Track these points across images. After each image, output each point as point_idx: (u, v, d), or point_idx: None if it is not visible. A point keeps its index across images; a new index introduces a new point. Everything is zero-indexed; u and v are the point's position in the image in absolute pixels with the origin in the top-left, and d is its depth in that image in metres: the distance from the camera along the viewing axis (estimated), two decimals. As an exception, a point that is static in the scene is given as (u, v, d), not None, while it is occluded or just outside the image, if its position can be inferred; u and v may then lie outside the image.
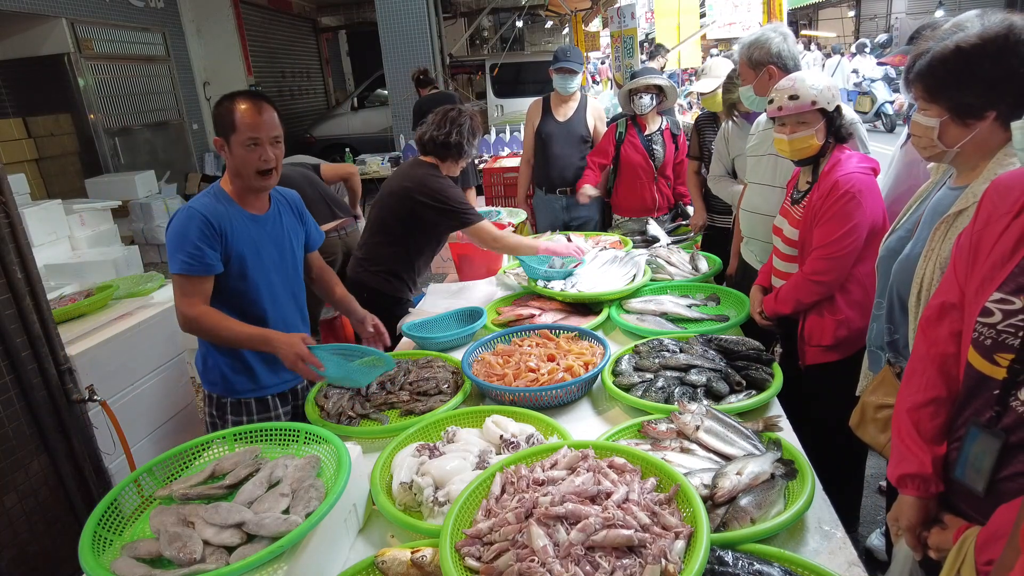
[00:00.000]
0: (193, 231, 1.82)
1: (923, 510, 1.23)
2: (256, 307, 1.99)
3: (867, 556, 2.38)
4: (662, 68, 6.86)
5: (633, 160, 3.60)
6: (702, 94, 3.71)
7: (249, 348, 1.93)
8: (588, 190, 3.63)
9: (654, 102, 3.53)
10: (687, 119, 7.03)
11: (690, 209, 3.84)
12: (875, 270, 1.82)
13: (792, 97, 2.00)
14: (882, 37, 13.78)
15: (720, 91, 3.32)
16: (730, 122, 3.11)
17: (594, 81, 15.45)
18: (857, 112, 11.60)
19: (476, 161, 7.19)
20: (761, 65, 2.54)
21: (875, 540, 2.43)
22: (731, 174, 3.21)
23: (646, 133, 3.60)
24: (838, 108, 2.04)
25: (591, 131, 3.94)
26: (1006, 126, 1.36)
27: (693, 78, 11.47)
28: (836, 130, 2.05)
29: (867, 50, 12.75)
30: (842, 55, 14.33)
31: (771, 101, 2.07)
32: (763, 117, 2.68)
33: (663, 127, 3.62)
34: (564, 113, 3.95)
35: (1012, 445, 1.06)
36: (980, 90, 1.34)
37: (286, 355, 1.83)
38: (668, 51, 7.91)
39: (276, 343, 1.84)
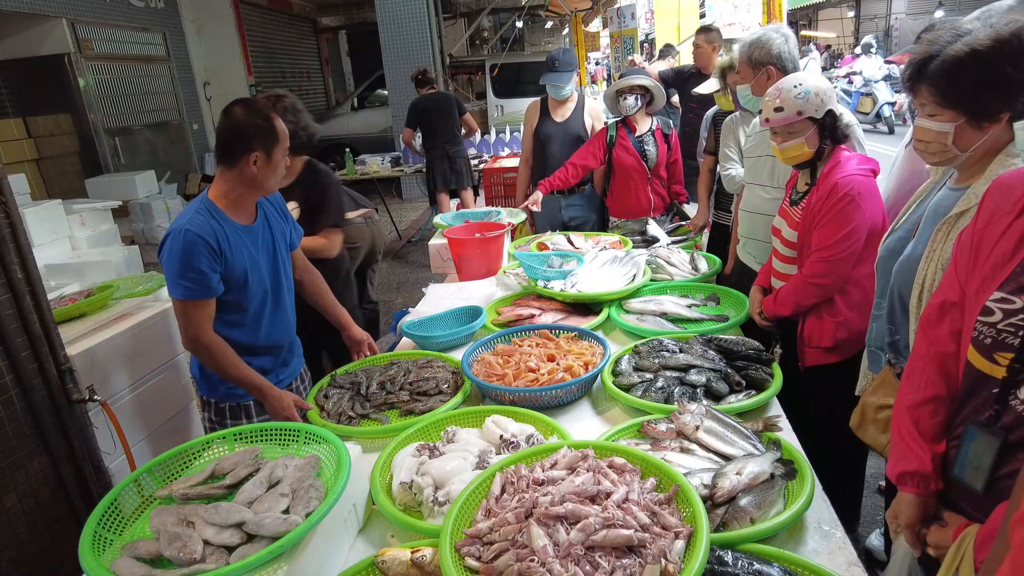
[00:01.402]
0: (195, 256, 1.80)
1: (922, 507, 1.23)
2: (251, 316, 2.01)
3: (867, 556, 2.38)
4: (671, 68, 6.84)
5: (625, 162, 3.59)
6: (702, 94, 3.71)
7: (243, 388, 1.97)
8: (536, 197, 3.49)
9: (639, 103, 3.53)
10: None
11: (687, 208, 3.85)
12: (874, 271, 1.82)
13: (777, 109, 2.01)
14: (868, 38, 13.73)
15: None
16: (736, 113, 3.11)
17: (592, 81, 15.45)
18: (859, 113, 11.59)
19: (477, 162, 7.20)
20: (761, 65, 2.53)
21: (875, 540, 2.43)
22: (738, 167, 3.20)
23: (637, 134, 3.60)
24: (830, 112, 2.01)
25: (589, 131, 3.94)
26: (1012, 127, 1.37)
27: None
28: (831, 133, 2.03)
29: (873, 50, 12.72)
30: (810, 55, 14.36)
31: (760, 111, 2.07)
32: (757, 120, 2.68)
33: (654, 128, 3.62)
34: (562, 114, 3.95)
35: (1011, 444, 1.06)
36: (998, 92, 1.33)
37: (275, 411, 1.93)
38: (677, 51, 7.86)
39: (268, 396, 1.93)
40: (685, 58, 11.89)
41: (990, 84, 1.32)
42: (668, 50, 7.35)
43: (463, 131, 6.35)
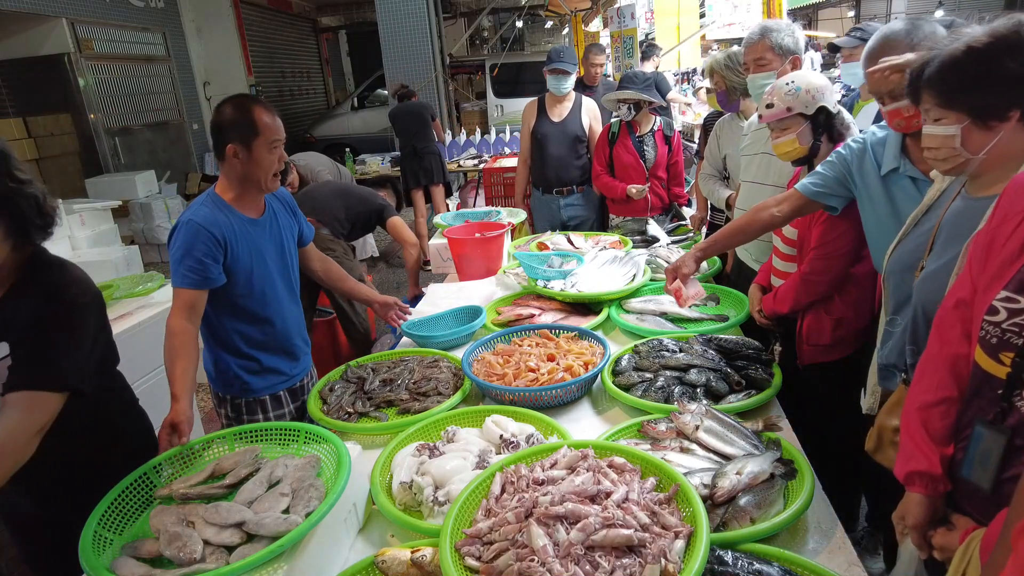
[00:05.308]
0: (197, 246, 1.83)
1: (930, 509, 1.22)
2: (262, 309, 2.02)
3: (867, 556, 2.38)
4: (656, 68, 6.82)
5: (625, 161, 3.63)
6: (710, 89, 3.71)
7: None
8: (633, 188, 3.60)
9: (632, 112, 3.57)
10: (687, 120, 7.02)
11: (685, 210, 3.86)
12: (882, 282, 1.74)
13: (768, 105, 2.04)
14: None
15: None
16: (722, 119, 3.12)
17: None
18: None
19: (477, 162, 7.21)
20: (790, 53, 2.49)
21: (875, 540, 2.42)
22: (722, 173, 3.21)
23: (638, 134, 3.62)
24: (822, 109, 2.01)
25: (586, 131, 3.95)
26: None
27: (696, 78, 11.43)
28: (827, 130, 2.03)
29: None
30: None
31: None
32: (755, 117, 2.68)
33: (655, 128, 3.64)
34: (559, 113, 3.96)
35: (1017, 446, 1.05)
36: (1000, 89, 1.26)
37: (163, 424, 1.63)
38: (661, 51, 7.85)
39: (173, 409, 1.63)
40: (685, 59, 11.87)
41: (990, 80, 1.26)
42: (651, 50, 7.30)
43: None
